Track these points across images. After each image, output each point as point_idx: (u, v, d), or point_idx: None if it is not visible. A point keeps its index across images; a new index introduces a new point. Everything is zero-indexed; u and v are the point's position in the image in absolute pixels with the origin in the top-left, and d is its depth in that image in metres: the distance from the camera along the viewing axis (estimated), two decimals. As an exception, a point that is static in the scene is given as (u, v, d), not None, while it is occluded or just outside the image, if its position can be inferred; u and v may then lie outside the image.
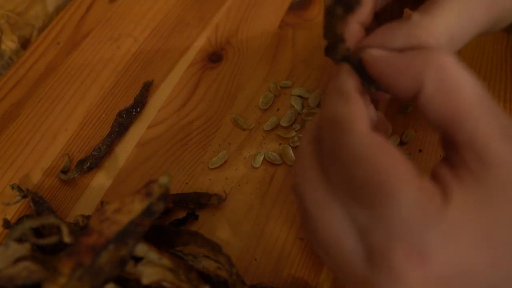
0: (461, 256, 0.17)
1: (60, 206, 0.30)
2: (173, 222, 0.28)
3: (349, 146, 0.19)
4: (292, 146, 0.32)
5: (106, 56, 0.38)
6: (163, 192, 0.21)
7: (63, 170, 0.31)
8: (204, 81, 0.36)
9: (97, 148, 0.32)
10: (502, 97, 0.33)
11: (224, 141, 0.33)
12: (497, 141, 0.17)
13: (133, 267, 0.21)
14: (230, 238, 0.28)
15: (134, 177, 0.31)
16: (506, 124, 0.18)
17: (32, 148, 0.33)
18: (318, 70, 0.36)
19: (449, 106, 0.18)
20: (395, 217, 0.17)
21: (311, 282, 0.26)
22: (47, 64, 0.38)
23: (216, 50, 0.38)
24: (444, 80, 0.18)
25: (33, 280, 0.20)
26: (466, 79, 0.18)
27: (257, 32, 0.39)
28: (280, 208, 0.29)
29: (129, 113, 0.34)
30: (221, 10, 0.41)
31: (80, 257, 0.20)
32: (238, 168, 0.31)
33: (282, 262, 0.27)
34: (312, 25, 0.39)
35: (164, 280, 0.21)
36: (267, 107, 0.34)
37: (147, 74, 0.37)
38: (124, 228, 0.20)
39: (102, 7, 0.42)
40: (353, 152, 0.18)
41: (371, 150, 0.18)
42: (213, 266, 0.24)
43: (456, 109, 0.18)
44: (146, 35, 0.39)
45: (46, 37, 0.40)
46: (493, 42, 0.36)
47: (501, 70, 0.34)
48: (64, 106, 0.35)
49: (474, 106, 0.18)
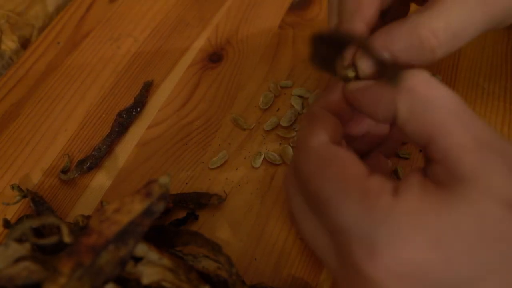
0: (410, 252, 0.17)
1: (60, 206, 0.30)
2: (173, 222, 0.28)
3: (300, 164, 0.21)
4: (292, 146, 0.32)
5: (106, 56, 0.38)
6: (163, 192, 0.21)
7: (63, 170, 0.31)
8: (204, 81, 0.36)
9: (97, 148, 0.32)
10: (502, 97, 0.33)
11: (224, 141, 0.33)
12: (472, 153, 0.18)
13: (133, 267, 0.21)
14: (230, 238, 0.28)
15: (134, 177, 0.31)
16: (480, 133, 0.18)
17: (32, 148, 0.33)
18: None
19: (423, 126, 0.19)
20: (345, 221, 0.19)
21: (311, 282, 0.26)
22: (47, 64, 0.38)
23: (216, 50, 0.38)
24: (414, 101, 0.19)
25: (33, 280, 0.20)
26: (437, 95, 0.19)
27: (257, 32, 0.39)
28: (280, 208, 0.29)
29: (129, 113, 0.34)
30: (221, 10, 0.41)
31: (80, 257, 0.20)
32: (238, 168, 0.31)
33: (282, 262, 0.27)
34: (312, 25, 0.39)
35: (164, 280, 0.21)
36: (267, 107, 0.34)
37: (147, 74, 0.37)
38: (124, 228, 0.20)
39: (102, 7, 0.42)
40: (304, 168, 0.21)
41: (319, 164, 0.20)
42: (213, 266, 0.24)
43: (430, 127, 0.19)
44: (146, 35, 0.39)
45: (46, 37, 0.40)
46: (493, 42, 0.36)
47: (501, 70, 0.34)
48: (64, 106, 0.35)
49: (447, 121, 0.18)
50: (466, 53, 0.35)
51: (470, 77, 0.34)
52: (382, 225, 0.18)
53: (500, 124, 0.31)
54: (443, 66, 0.35)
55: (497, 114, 0.32)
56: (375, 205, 0.18)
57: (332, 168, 0.20)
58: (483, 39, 0.36)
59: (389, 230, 0.17)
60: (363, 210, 0.18)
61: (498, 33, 0.36)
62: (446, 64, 0.35)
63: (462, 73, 0.34)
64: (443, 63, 0.35)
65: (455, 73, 0.34)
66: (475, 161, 0.18)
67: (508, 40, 0.36)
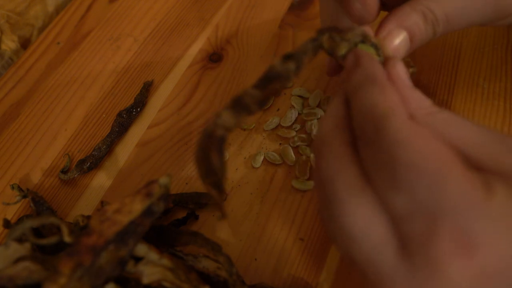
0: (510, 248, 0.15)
1: (60, 206, 0.30)
2: (173, 222, 0.28)
3: (391, 131, 0.18)
4: (292, 146, 0.31)
5: (106, 56, 0.38)
6: (163, 192, 0.21)
7: (63, 170, 0.31)
8: (204, 81, 0.36)
9: (97, 148, 0.32)
10: (502, 97, 0.33)
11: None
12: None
13: (133, 266, 0.21)
14: (230, 238, 0.28)
15: (134, 177, 0.31)
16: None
17: (32, 148, 0.33)
18: (318, 70, 0.36)
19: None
20: (442, 202, 0.16)
21: (311, 282, 0.26)
22: (47, 64, 0.38)
23: (216, 50, 0.38)
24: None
25: (33, 280, 0.20)
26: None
27: (257, 32, 0.39)
28: (280, 208, 0.29)
29: (129, 113, 0.34)
30: (221, 10, 0.41)
31: (80, 257, 0.20)
32: (238, 168, 0.31)
33: (282, 262, 0.27)
34: (312, 25, 0.39)
35: (164, 279, 0.21)
36: (267, 107, 0.34)
37: (147, 74, 0.37)
38: (124, 228, 0.20)
39: (102, 7, 0.42)
40: (396, 137, 0.17)
41: (416, 136, 0.17)
42: (213, 266, 0.24)
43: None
44: (146, 35, 0.39)
45: (46, 37, 0.40)
46: (493, 42, 0.36)
47: (501, 70, 0.34)
48: (64, 106, 0.35)
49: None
50: (466, 53, 0.35)
51: (470, 77, 0.34)
52: (484, 215, 0.16)
53: (500, 124, 0.31)
54: (443, 66, 0.35)
55: (497, 114, 0.32)
56: (475, 194, 0.16)
57: (433, 144, 0.17)
58: (483, 39, 0.36)
59: (492, 222, 0.16)
60: (465, 195, 0.16)
61: (498, 33, 0.36)
62: (446, 64, 0.35)
63: (462, 73, 0.34)
64: (443, 63, 0.35)
65: (455, 73, 0.34)
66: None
67: (508, 40, 0.36)
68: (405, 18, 0.23)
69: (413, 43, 0.23)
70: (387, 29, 0.23)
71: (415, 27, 0.23)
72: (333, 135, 0.20)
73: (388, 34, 0.23)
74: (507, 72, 0.34)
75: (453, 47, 0.36)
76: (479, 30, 0.36)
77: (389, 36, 0.23)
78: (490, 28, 0.36)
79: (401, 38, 0.23)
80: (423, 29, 0.23)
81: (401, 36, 0.23)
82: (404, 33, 0.23)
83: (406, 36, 0.23)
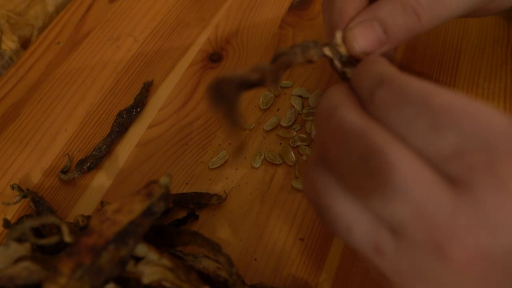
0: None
1: (60, 206, 0.30)
2: (173, 222, 0.28)
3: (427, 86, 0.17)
4: (292, 146, 0.32)
5: (106, 56, 0.38)
6: (163, 192, 0.21)
7: (63, 170, 0.31)
8: (204, 81, 0.36)
9: (97, 148, 0.32)
10: (502, 97, 0.33)
11: (224, 141, 0.33)
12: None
13: (133, 266, 0.21)
14: (230, 238, 0.28)
15: (134, 177, 0.31)
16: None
17: (32, 148, 0.33)
18: (318, 70, 0.36)
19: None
20: (490, 133, 0.16)
21: (311, 282, 0.26)
22: (47, 64, 0.38)
23: (216, 50, 0.38)
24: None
25: (33, 280, 0.20)
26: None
27: (257, 32, 0.39)
28: (280, 208, 0.29)
29: (129, 113, 0.34)
30: (221, 10, 0.41)
31: (80, 257, 0.20)
32: (238, 168, 0.31)
33: (282, 262, 0.27)
34: (312, 25, 0.39)
35: (164, 279, 0.21)
36: (267, 107, 0.34)
37: (147, 74, 0.37)
38: (124, 228, 0.20)
39: (102, 7, 0.42)
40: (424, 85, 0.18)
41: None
42: (213, 266, 0.24)
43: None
44: (146, 35, 0.39)
45: (46, 37, 0.40)
46: (493, 42, 0.36)
47: (501, 70, 0.34)
48: (64, 106, 0.35)
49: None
50: (466, 53, 0.35)
51: (470, 77, 0.34)
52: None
53: (500, 124, 0.31)
54: (443, 66, 0.35)
55: (497, 114, 0.32)
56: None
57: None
58: (483, 39, 0.36)
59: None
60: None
61: (498, 33, 0.36)
62: (446, 64, 0.35)
63: (462, 73, 0.34)
64: (443, 63, 0.35)
65: (455, 73, 0.34)
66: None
67: (508, 40, 0.36)
68: (379, 9, 0.22)
69: (391, 36, 0.22)
70: (357, 21, 0.22)
71: (389, 17, 0.21)
72: (346, 98, 0.20)
73: (355, 26, 0.22)
74: (507, 72, 0.34)
75: (453, 47, 0.36)
76: (479, 30, 0.36)
77: (356, 27, 0.22)
78: (490, 28, 0.36)
79: (368, 29, 0.22)
80: (400, 19, 0.21)
81: (369, 27, 0.22)
82: (372, 24, 0.22)
83: (378, 28, 0.22)
